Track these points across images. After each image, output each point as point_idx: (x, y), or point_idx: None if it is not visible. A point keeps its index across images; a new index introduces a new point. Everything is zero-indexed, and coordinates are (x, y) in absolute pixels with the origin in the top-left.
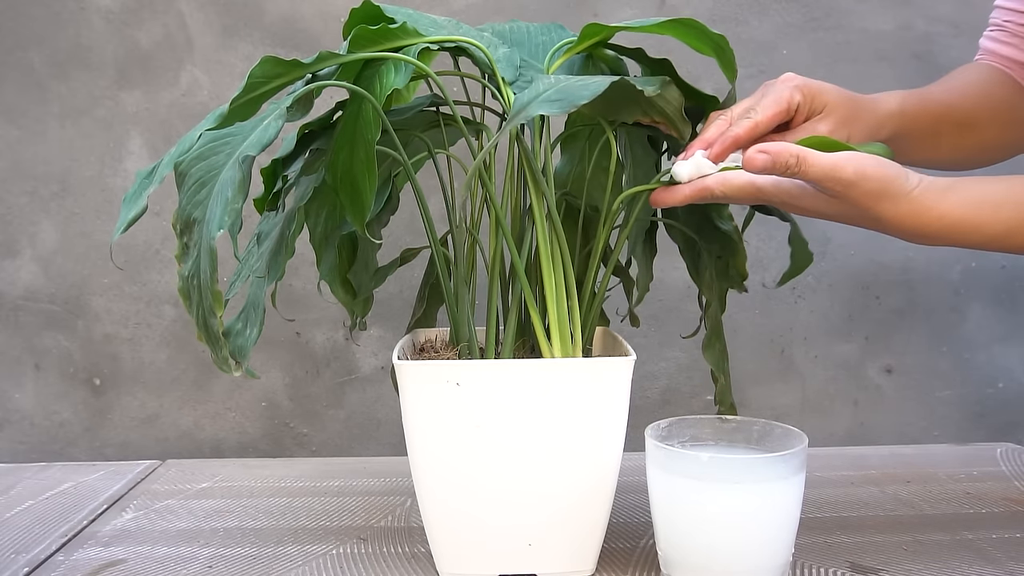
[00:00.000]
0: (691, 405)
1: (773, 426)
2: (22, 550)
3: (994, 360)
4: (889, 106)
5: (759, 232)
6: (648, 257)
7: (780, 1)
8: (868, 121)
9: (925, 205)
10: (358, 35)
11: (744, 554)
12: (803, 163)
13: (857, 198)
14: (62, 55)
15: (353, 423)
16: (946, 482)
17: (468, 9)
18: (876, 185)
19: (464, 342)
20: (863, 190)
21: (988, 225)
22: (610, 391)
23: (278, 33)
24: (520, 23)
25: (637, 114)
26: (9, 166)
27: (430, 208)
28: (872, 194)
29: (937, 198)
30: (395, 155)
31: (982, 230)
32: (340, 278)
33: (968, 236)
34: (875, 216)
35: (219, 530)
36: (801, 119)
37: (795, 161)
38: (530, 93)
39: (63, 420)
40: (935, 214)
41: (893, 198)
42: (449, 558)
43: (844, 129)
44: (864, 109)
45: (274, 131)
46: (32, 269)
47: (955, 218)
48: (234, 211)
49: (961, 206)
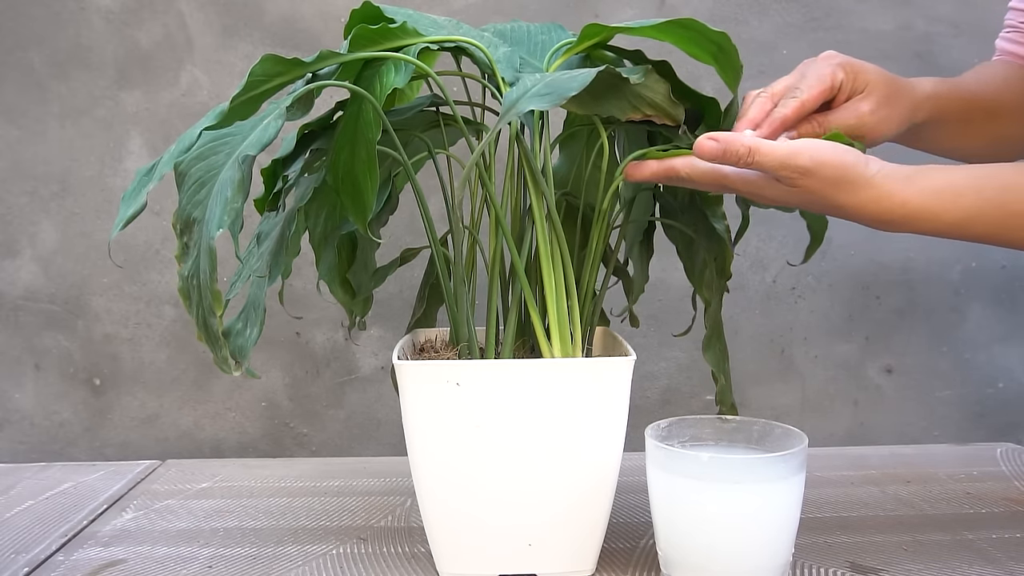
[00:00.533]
0: (691, 405)
1: (773, 426)
2: (22, 550)
3: (994, 360)
4: (925, 89)
5: (759, 232)
6: (645, 257)
7: (780, 1)
8: (906, 103)
9: (886, 191)
10: (358, 35)
11: (744, 554)
12: (755, 153)
13: (815, 186)
14: (62, 55)
15: (353, 423)
16: (946, 482)
17: (468, 9)
18: (833, 172)
19: (464, 342)
20: (821, 177)
21: (948, 212)
22: (610, 391)
23: (278, 33)
24: (521, 23)
25: (627, 109)
26: (9, 166)
27: (430, 208)
28: (830, 181)
29: (899, 186)
30: (395, 155)
31: (942, 218)
32: (340, 278)
33: (929, 224)
34: (836, 204)
35: (219, 530)
36: (844, 98)
37: (746, 151)
38: (519, 89)
39: (63, 420)
40: (897, 200)
41: (852, 184)
42: (449, 558)
43: (884, 109)
44: (903, 90)
45: (274, 131)
46: (32, 269)
47: (915, 205)
48: (233, 210)
49: (922, 194)
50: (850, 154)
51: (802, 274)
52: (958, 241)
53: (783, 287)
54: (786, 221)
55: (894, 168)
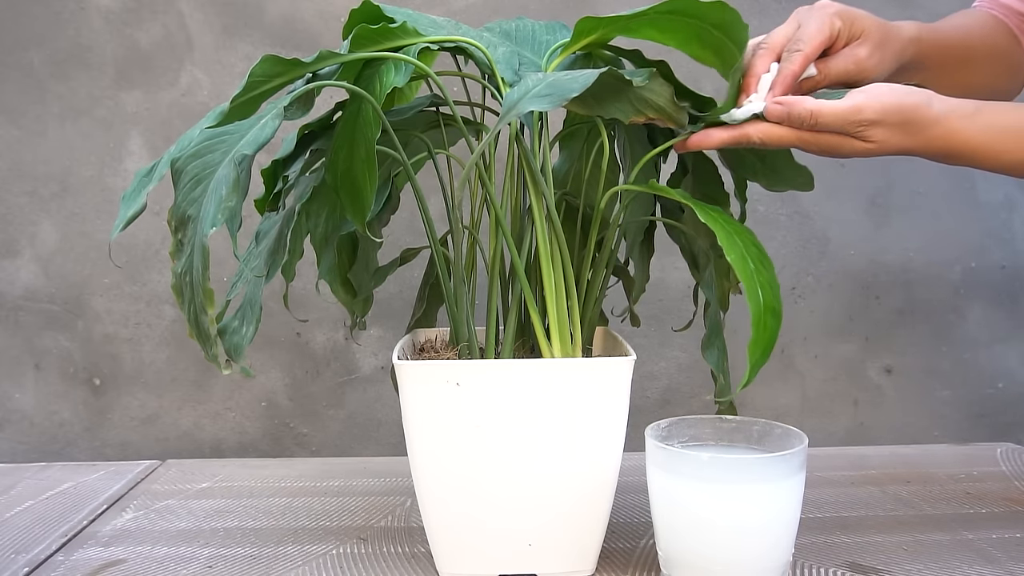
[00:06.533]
0: (691, 405)
1: (773, 426)
2: (22, 550)
3: (994, 360)
4: (909, 32)
5: (759, 232)
6: (645, 257)
7: (780, 1)
8: (895, 46)
9: (951, 129)
10: (359, 35)
11: (744, 554)
12: (817, 115)
13: (884, 135)
14: (62, 55)
15: (353, 423)
16: (946, 482)
17: (468, 9)
18: (899, 117)
19: (464, 342)
20: (888, 124)
21: (1010, 152)
22: (610, 391)
23: (278, 33)
24: (527, 21)
25: (629, 111)
26: (9, 166)
27: (430, 208)
28: (898, 125)
29: (963, 123)
30: (395, 155)
31: (1003, 158)
32: (340, 278)
33: (992, 161)
34: (905, 147)
35: (219, 530)
36: (841, 45)
37: (808, 115)
38: (520, 90)
39: (63, 420)
40: (961, 138)
41: (918, 125)
42: (449, 558)
43: (879, 53)
44: (892, 34)
45: (271, 130)
46: (32, 269)
47: (979, 143)
48: (228, 209)
49: (986, 132)
50: (912, 95)
51: (802, 274)
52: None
53: (783, 287)
54: (785, 222)
55: (957, 104)
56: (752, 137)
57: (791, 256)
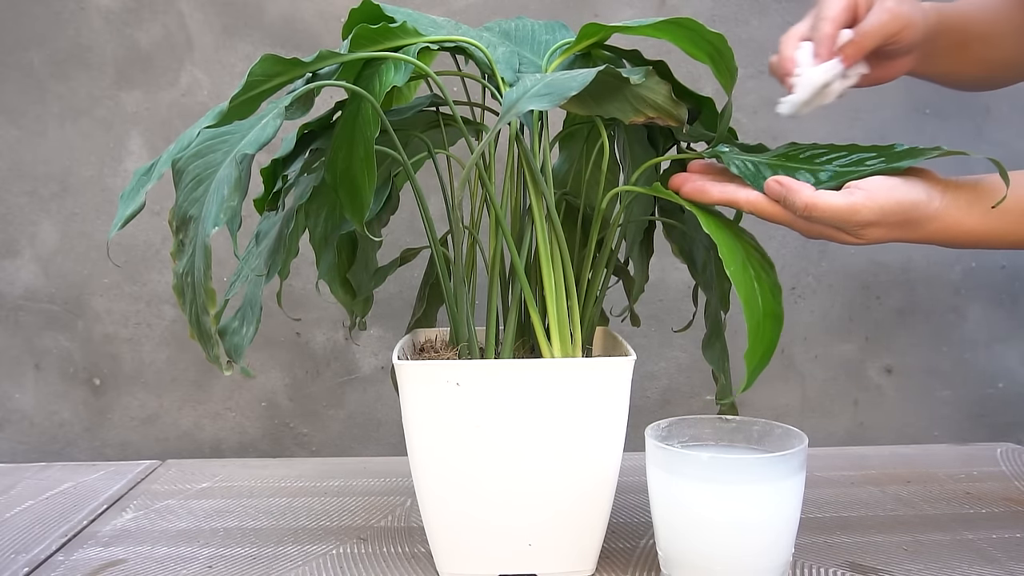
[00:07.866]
0: (691, 405)
1: (773, 426)
2: (22, 550)
3: (994, 360)
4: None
5: (759, 232)
6: (644, 257)
7: (780, 1)
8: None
9: (951, 222)
10: (359, 34)
11: (744, 554)
12: (811, 210)
13: (881, 233)
14: (62, 55)
15: (353, 423)
16: (946, 482)
17: (468, 9)
18: (897, 217)
19: (464, 342)
20: (886, 224)
21: (1013, 233)
22: (610, 391)
23: (278, 33)
24: (527, 20)
25: (628, 111)
26: (9, 166)
27: (430, 208)
28: (896, 225)
29: (962, 214)
30: (395, 155)
31: (1007, 238)
32: (340, 278)
33: (998, 241)
34: (904, 239)
35: (219, 530)
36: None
37: (803, 207)
38: (519, 90)
39: (63, 420)
40: (963, 229)
41: (917, 223)
42: (449, 558)
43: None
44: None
45: (272, 130)
46: (32, 269)
47: (982, 231)
48: (230, 209)
49: (986, 218)
50: (911, 192)
51: (802, 274)
52: None
53: (783, 287)
54: None
55: (955, 194)
56: (742, 206)
57: (791, 256)
